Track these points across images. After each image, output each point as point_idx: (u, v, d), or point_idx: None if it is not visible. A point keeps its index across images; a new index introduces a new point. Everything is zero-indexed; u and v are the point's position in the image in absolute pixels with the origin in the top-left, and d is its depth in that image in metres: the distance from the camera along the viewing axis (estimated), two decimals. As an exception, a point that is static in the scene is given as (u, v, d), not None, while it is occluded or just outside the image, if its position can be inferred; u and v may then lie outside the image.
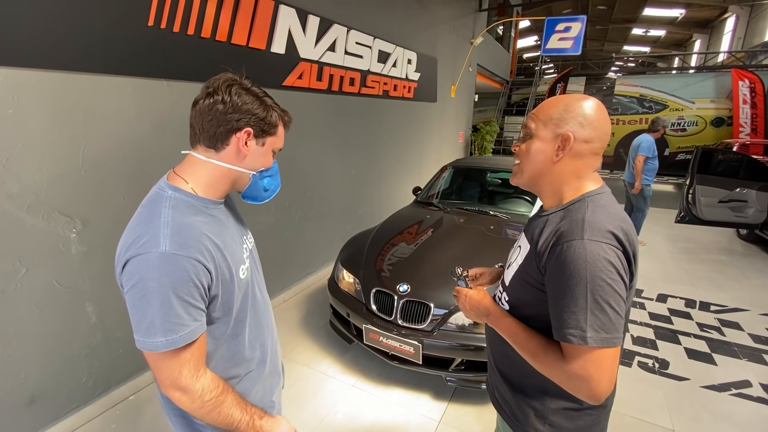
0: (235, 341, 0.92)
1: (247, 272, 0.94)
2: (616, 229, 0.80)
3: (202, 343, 0.83)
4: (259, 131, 0.88)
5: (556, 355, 0.82)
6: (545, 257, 0.84)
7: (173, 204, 0.81)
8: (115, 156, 2.05)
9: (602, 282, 0.75)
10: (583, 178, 0.91)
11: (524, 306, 0.94)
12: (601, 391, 0.76)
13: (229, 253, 0.87)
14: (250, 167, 0.91)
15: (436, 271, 2.40)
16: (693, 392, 2.41)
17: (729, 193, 4.55)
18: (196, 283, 0.77)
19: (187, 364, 0.78)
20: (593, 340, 0.75)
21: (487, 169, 3.94)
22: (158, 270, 0.73)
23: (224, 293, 0.85)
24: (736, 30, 14.57)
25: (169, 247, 0.74)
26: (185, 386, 0.79)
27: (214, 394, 0.82)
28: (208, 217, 0.86)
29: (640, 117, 10.39)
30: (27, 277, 1.78)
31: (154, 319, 0.74)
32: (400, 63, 4.79)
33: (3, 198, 1.67)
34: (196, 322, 0.79)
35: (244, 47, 2.69)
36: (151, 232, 0.76)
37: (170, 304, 0.74)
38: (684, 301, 3.62)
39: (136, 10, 2.03)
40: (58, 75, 1.78)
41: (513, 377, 1.01)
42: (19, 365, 1.81)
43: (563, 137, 0.87)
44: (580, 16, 6.97)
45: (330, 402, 2.30)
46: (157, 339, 0.75)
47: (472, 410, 2.23)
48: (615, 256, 0.77)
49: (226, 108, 0.83)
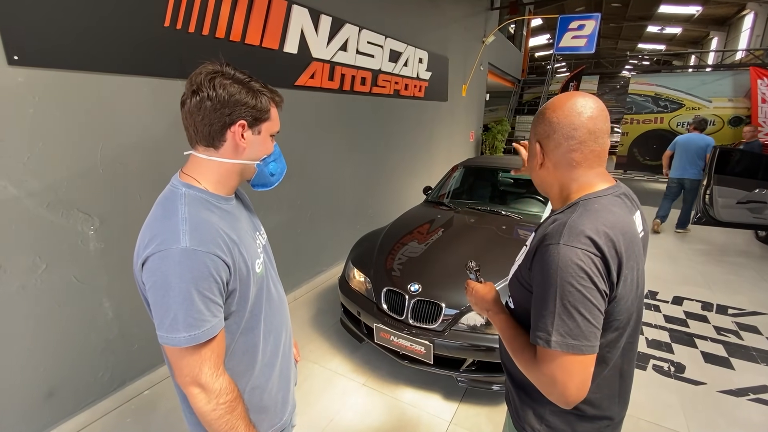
0: (250, 335, 0.92)
1: (262, 267, 0.95)
2: (596, 234, 0.77)
3: (222, 341, 0.83)
4: (252, 120, 0.86)
5: (531, 356, 0.83)
6: (532, 259, 0.85)
7: (188, 201, 0.82)
8: (132, 155, 2.09)
9: (571, 288, 0.75)
10: (583, 178, 0.88)
11: (517, 304, 0.97)
12: (568, 395, 0.76)
13: (245, 248, 0.87)
14: (252, 158, 0.90)
15: (448, 271, 2.39)
16: (710, 397, 2.36)
17: (747, 194, 4.44)
18: (215, 278, 0.77)
19: (207, 361, 0.79)
20: (557, 344, 0.75)
21: (498, 169, 3.92)
22: (179, 266, 0.74)
23: (241, 287, 0.85)
24: (754, 27, 14.20)
25: (189, 243, 0.75)
26: (205, 383, 0.79)
27: (229, 398, 0.82)
28: (222, 212, 0.87)
29: (655, 116, 10.19)
30: (47, 273, 1.82)
31: (177, 314, 0.75)
32: (411, 62, 4.78)
33: (24, 195, 1.71)
34: (215, 318, 0.79)
35: (258, 47, 2.71)
36: (170, 229, 0.77)
37: (192, 299, 0.75)
38: (700, 303, 3.55)
39: (152, 11, 2.06)
40: (76, 75, 1.82)
41: (515, 373, 1.02)
42: (38, 359, 1.85)
43: (536, 147, 0.91)
44: (594, 14, 6.87)
45: (340, 400, 2.31)
46: (180, 334, 0.75)
47: (484, 411, 2.22)
48: (590, 261, 0.76)
49: (214, 104, 0.81)
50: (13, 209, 1.69)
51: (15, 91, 1.64)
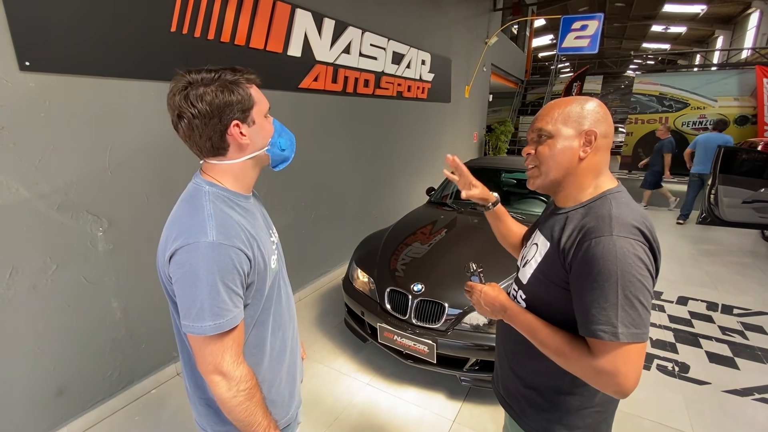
0: (261, 328, 0.96)
1: (276, 263, 0.98)
2: (641, 225, 0.81)
3: (242, 331, 0.87)
4: (242, 115, 0.85)
5: (581, 351, 0.82)
6: (571, 254, 0.84)
7: (212, 198, 0.85)
8: (139, 158, 2.13)
9: (633, 278, 0.76)
10: (601, 176, 0.92)
11: (544, 303, 0.94)
12: (628, 386, 0.77)
13: (262, 244, 0.90)
14: (259, 147, 0.91)
15: (451, 271, 2.41)
16: (714, 396, 2.36)
17: (753, 193, 4.40)
18: (239, 270, 0.81)
19: (229, 349, 0.82)
20: (624, 336, 0.76)
21: (501, 170, 3.93)
22: (207, 258, 0.78)
23: (258, 281, 0.89)
24: (760, 26, 14.09)
25: (216, 237, 0.79)
26: (226, 371, 0.82)
27: (249, 385, 0.85)
28: (242, 209, 0.90)
29: (660, 116, 10.14)
30: (57, 274, 1.86)
31: (204, 304, 0.78)
32: (414, 64, 4.80)
33: (35, 197, 1.75)
34: (237, 309, 0.83)
35: (262, 51, 2.75)
36: (197, 224, 0.80)
37: (218, 290, 0.79)
38: (705, 303, 3.53)
39: (158, 17, 2.10)
40: (86, 80, 1.86)
41: (525, 375, 1.02)
42: (49, 358, 1.89)
43: (588, 133, 0.88)
44: (597, 14, 6.87)
45: (345, 399, 2.33)
46: (206, 323, 0.79)
47: (487, 410, 2.23)
48: (643, 251, 0.78)
49: (203, 120, 0.82)
50: (25, 211, 1.73)
51: (27, 97, 1.68)
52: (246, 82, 0.87)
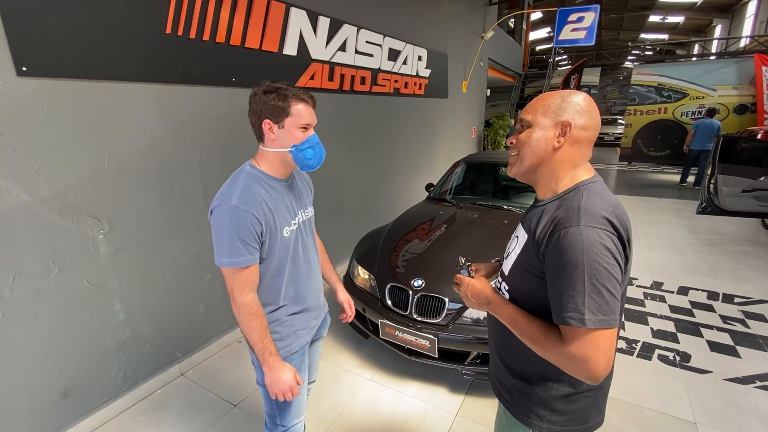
0: (275, 280, 1.28)
1: (290, 233, 1.28)
2: (610, 215, 0.83)
3: (252, 273, 1.19)
4: (275, 118, 1.17)
5: (555, 339, 0.84)
6: (543, 245, 0.87)
7: (247, 176, 1.21)
8: (138, 159, 2.14)
9: (598, 266, 0.78)
10: (578, 168, 0.94)
11: (524, 295, 0.97)
12: (599, 371, 0.78)
13: (277, 216, 1.22)
14: (284, 146, 1.21)
15: (450, 267, 2.42)
16: (716, 385, 2.37)
17: (753, 182, 4.39)
18: (251, 228, 1.14)
19: (239, 281, 1.17)
20: (591, 322, 0.78)
21: (500, 164, 3.93)
22: (228, 215, 1.13)
23: (270, 241, 1.22)
24: (758, 14, 14.02)
25: (237, 202, 1.13)
26: (234, 296, 1.18)
27: (247, 311, 1.18)
28: (270, 188, 1.24)
29: (659, 107, 10.11)
30: (59, 277, 1.88)
31: (223, 246, 1.14)
32: (411, 60, 4.79)
33: (36, 202, 1.76)
34: (250, 255, 1.16)
35: (257, 50, 2.75)
36: (229, 192, 1.16)
37: (233, 238, 1.13)
38: (706, 293, 3.54)
39: (153, 19, 2.11)
40: (83, 84, 1.87)
41: (514, 365, 1.04)
42: (54, 360, 1.91)
43: (563, 123, 0.91)
44: (594, 6, 6.84)
45: (348, 395, 2.34)
46: (224, 259, 1.14)
47: (489, 403, 2.25)
48: (610, 240, 0.80)
49: (253, 113, 1.20)
50: (26, 215, 1.74)
51: (25, 101, 1.69)
52: (294, 99, 1.18)
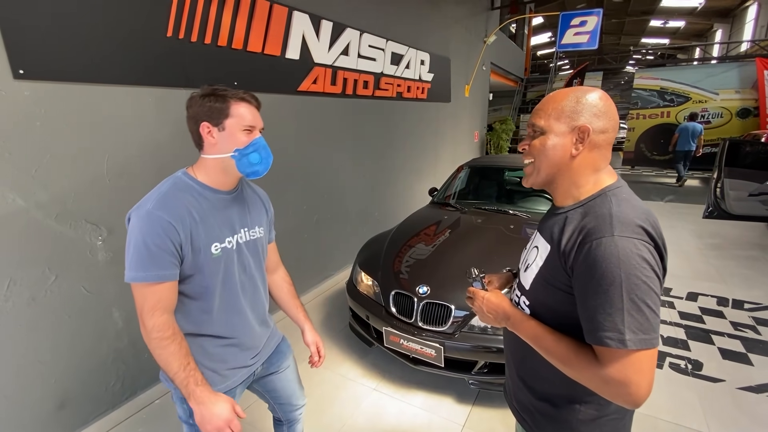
0: (199, 303, 1.11)
1: (220, 252, 1.10)
2: (644, 222, 0.76)
3: (167, 291, 1.02)
4: (214, 120, 1.05)
5: (588, 359, 0.77)
6: (572, 257, 0.80)
7: (175, 182, 1.07)
8: (138, 164, 2.10)
9: (638, 280, 0.71)
10: (600, 172, 0.87)
11: (547, 309, 0.89)
12: (641, 395, 0.72)
13: (205, 228, 1.07)
14: (225, 151, 1.07)
15: (456, 272, 2.37)
16: (729, 394, 2.30)
17: (759, 185, 4.36)
18: (165, 237, 0.98)
19: (148, 300, 1.00)
20: (632, 343, 0.71)
21: (504, 168, 3.89)
22: (140, 222, 0.99)
23: (192, 257, 1.05)
24: (758, 18, 14.03)
25: (152, 206, 1.00)
26: (143, 318, 1.01)
27: (159, 335, 1.00)
28: (201, 198, 1.08)
29: (662, 110, 10.08)
30: (56, 284, 1.83)
31: (132, 258, 0.99)
32: (413, 64, 4.77)
33: (33, 207, 1.72)
34: (163, 270, 1.00)
35: (260, 54, 2.72)
36: (149, 197, 1.03)
37: (141, 249, 0.98)
38: (716, 299, 3.47)
39: (154, 22, 2.08)
40: (82, 87, 1.84)
41: (537, 385, 0.97)
42: (50, 370, 1.86)
43: (581, 129, 0.84)
44: (596, 10, 6.83)
45: (351, 405, 2.29)
46: (131, 272, 0.99)
47: (497, 414, 2.19)
48: (648, 251, 0.74)
49: (189, 118, 1.07)
50: (23, 221, 1.70)
51: (22, 105, 1.65)
52: (234, 99, 1.05)
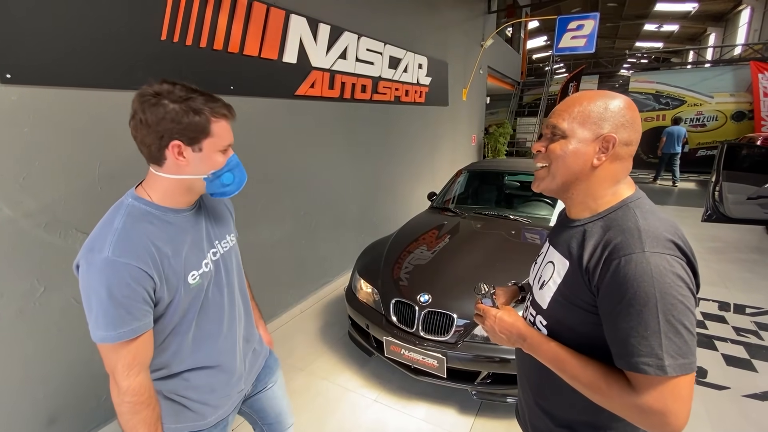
0: (179, 338, 0.97)
1: (199, 279, 0.97)
2: (674, 236, 0.72)
3: (144, 344, 0.87)
4: (188, 140, 0.86)
5: (620, 387, 0.71)
6: (597, 275, 0.74)
7: (129, 212, 0.88)
8: (130, 171, 2.03)
9: (674, 300, 0.66)
10: (620, 183, 0.82)
11: (568, 330, 0.83)
12: (679, 425, 0.66)
13: (178, 261, 0.92)
14: (196, 173, 0.91)
15: (458, 280, 2.32)
16: (734, 402, 2.27)
17: (757, 189, 4.35)
18: (134, 286, 0.83)
19: (123, 359, 0.85)
20: (672, 369, 0.66)
21: (503, 172, 3.85)
22: (100, 273, 0.81)
23: (170, 296, 0.91)
24: (752, 22, 14.17)
25: (111, 254, 0.81)
26: (117, 379, 0.86)
27: (134, 399, 0.86)
28: (165, 224, 0.92)
29: (657, 113, 10.14)
30: (45, 296, 1.77)
31: (98, 315, 0.82)
32: (411, 68, 4.74)
33: (20, 217, 1.66)
34: (136, 322, 0.84)
35: (256, 58, 2.68)
36: (102, 237, 0.84)
37: (107, 304, 0.81)
38: (717, 303, 3.45)
39: (148, 26, 2.03)
40: (72, 92, 1.78)
41: (556, 411, 0.91)
42: (38, 385, 1.79)
43: (606, 139, 0.78)
44: (593, 14, 6.86)
45: (352, 417, 2.23)
46: (98, 332, 0.83)
47: (501, 425, 2.14)
48: (681, 268, 0.69)
49: (145, 127, 0.84)
50: (9, 231, 1.63)
51: (9, 110, 1.59)
52: (211, 115, 0.88)
